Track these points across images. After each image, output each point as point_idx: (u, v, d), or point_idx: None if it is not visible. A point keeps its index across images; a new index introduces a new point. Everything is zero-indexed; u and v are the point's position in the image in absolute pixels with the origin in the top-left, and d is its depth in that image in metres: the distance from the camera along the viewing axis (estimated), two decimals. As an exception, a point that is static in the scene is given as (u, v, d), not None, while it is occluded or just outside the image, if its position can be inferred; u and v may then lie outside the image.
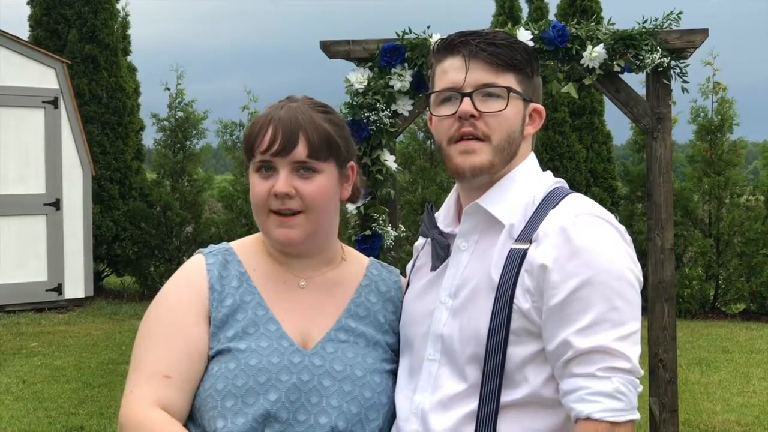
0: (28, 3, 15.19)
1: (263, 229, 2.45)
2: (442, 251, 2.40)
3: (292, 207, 2.38)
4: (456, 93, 2.32)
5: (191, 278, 2.44)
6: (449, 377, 2.28)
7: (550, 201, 2.28)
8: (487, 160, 2.30)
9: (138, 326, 2.48)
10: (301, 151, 2.37)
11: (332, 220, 2.51)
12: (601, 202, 13.94)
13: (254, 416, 2.26)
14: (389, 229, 5.86)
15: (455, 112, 2.31)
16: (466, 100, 2.29)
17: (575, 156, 14.32)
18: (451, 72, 2.34)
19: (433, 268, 2.42)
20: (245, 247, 2.53)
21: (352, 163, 2.52)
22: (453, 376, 2.27)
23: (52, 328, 12.08)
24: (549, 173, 2.42)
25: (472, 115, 2.29)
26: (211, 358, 2.35)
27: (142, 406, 2.29)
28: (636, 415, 2.13)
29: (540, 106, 2.39)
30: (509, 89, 2.30)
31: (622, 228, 2.26)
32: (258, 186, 2.40)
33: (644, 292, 2.26)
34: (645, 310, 2.35)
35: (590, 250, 2.15)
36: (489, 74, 2.30)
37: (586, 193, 13.93)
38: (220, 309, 2.38)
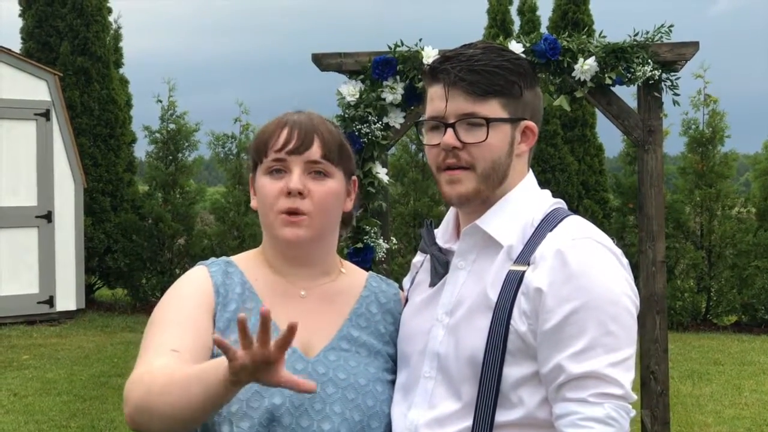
0: (20, 15, 15.19)
1: (270, 230, 2.44)
2: (441, 268, 2.39)
3: (302, 207, 2.37)
4: (440, 123, 2.31)
5: (197, 281, 2.45)
6: (445, 395, 2.27)
7: (548, 223, 2.28)
8: (472, 188, 2.30)
9: (130, 339, 2.48)
10: (315, 150, 2.39)
11: (335, 229, 2.52)
12: (593, 214, 14.04)
13: (259, 420, 2.27)
14: (381, 241, 5.87)
15: (440, 143, 2.31)
16: (449, 131, 2.28)
17: (567, 168, 14.35)
18: (435, 100, 2.33)
19: (432, 284, 2.41)
20: (245, 260, 2.54)
21: (354, 177, 2.54)
22: (449, 394, 2.27)
23: (44, 340, 12.04)
24: (547, 192, 2.41)
25: (455, 147, 2.28)
26: None
27: (143, 369, 2.22)
28: None
29: (531, 123, 2.36)
30: (488, 120, 2.27)
31: (619, 252, 2.25)
32: (269, 186, 2.40)
33: (636, 305, 2.26)
34: (637, 322, 2.35)
35: (586, 275, 2.14)
36: (469, 103, 2.28)
37: (578, 206, 13.96)
38: (224, 313, 2.39)
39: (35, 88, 13.20)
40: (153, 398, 2.13)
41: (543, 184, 2.43)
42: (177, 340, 2.28)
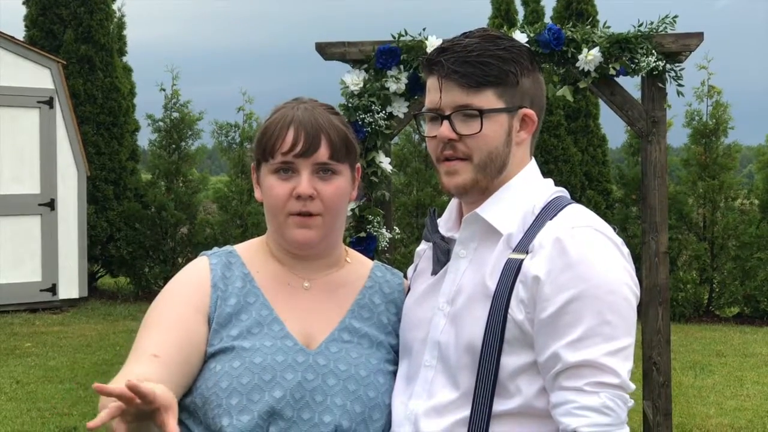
0: (23, 3, 15.18)
1: (278, 231, 2.43)
2: (443, 256, 2.39)
3: (313, 209, 2.37)
4: (437, 115, 2.32)
5: (194, 276, 2.44)
6: (444, 385, 2.27)
7: (548, 211, 2.27)
8: (470, 179, 2.30)
9: (132, 327, 2.48)
10: (323, 152, 2.37)
11: (342, 222, 2.52)
12: (596, 205, 14.03)
13: (259, 413, 2.26)
14: (384, 231, 5.87)
15: (437, 135, 2.31)
16: (445, 123, 2.29)
17: (570, 159, 14.33)
18: (431, 92, 2.34)
19: (434, 272, 2.41)
20: (248, 250, 2.53)
21: (358, 164, 2.54)
22: (448, 383, 2.27)
23: (46, 328, 12.06)
24: (550, 181, 2.40)
25: (452, 138, 2.28)
26: (212, 356, 2.34)
27: (119, 379, 2.20)
28: (625, 430, 2.12)
29: (529, 111, 2.34)
30: (482, 111, 2.27)
31: (620, 241, 2.24)
32: (277, 188, 2.39)
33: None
34: (639, 313, 2.34)
35: (584, 264, 2.13)
36: (463, 95, 2.27)
37: (581, 197, 13.94)
38: (224, 307, 2.38)
39: (39, 76, 13.19)
40: None
41: (546, 174, 2.42)
42: (159, 345, 2.29)
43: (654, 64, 5.65)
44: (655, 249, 5.78)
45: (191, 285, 2.43)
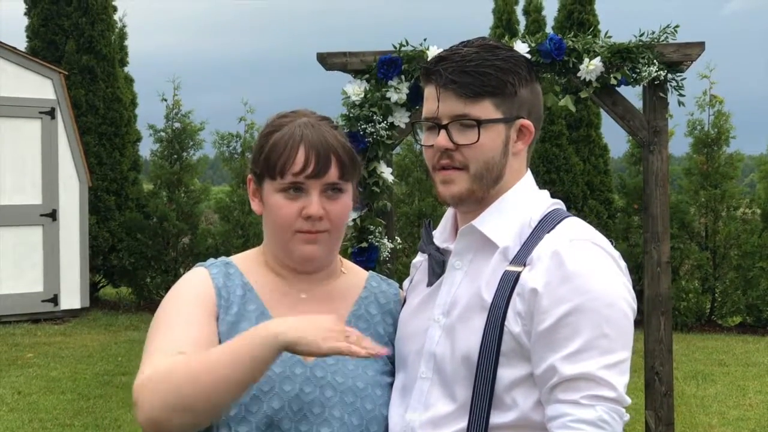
0: (25, 13, 15.21)
1: (283, 247, 2.42)
2: (438, 267, 2.39)
3: (321, 228, 2.37)
4: (434, 124, 2.31)
5: (198, 283, 2.42)
6: (440, 396, 2.27)
7: (546, 224, 2.27)
8: (465, 189, 2.30)
9: (134, 337, 2.47)
10: (333, 172, 2.37)
11: (343, 234, 2.52)
12: (598, 214, 14.03)
13: (257, 424, 2.26)
14: (385, 241, 5.87)
15: (434, 144, 2.31)
16: (443, 132, 2.29)
17: (572, 169, 14.32)
18: (429, 101, 2.34)
19: (429, 284, 2.41)
20: (245, 261, 2.52)
21: None
22: (444, 395, 2.26)
23: (48, 339, 12.05)
24: (545, 193, 2.40)
25: (448, 148, 2.28)
26: None
27: (151, 371, 2.19)
28: None
29: (526, 122, 2.34)
30: (480, 122, 2.26)
31: (617, 254, 2.24)
32: (286, 207, 2.37)
33: (640, 305, 2.24)
34: (641, 323, 2.34)
35: (582, 277, 2.13)
36: (460, 105, 2.27)
37: (582, 206, 13.89)
38: (227, 316, 2.37)
39: (40, 87, 13.21)
40: (183, 391, 2.11)
41: (548, 184, 2.42)
42: (183, 342, 2.26)
43: (655, 73, 5.66)
44: (657, 258, 5.78)
45: (199, 290, 2.40)
